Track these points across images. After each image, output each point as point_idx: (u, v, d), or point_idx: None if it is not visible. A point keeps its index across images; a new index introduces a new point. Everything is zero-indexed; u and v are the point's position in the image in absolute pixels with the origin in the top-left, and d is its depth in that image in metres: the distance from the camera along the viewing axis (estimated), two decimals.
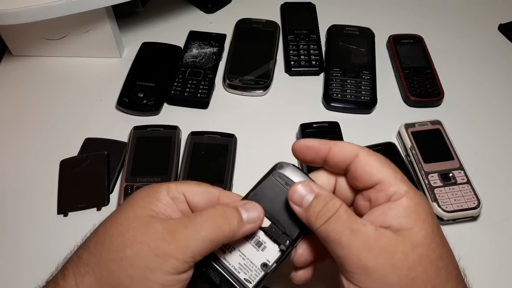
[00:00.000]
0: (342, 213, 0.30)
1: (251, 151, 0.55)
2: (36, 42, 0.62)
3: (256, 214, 0.32)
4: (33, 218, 0.49)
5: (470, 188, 0.49)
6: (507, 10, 0.74)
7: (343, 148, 0.32)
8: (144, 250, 0.28)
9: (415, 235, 0.29)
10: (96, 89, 0.61)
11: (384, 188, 0.31)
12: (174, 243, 0.28)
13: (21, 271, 0.45)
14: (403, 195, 0.30)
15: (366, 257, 0.28)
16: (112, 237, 0.29)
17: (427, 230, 0.29)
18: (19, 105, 0.60)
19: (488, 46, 0.69)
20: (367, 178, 0.31)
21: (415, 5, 0.75)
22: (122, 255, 0.28)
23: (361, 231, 0.29)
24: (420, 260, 0.28)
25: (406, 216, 0.29)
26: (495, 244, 0.48)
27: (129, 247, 0.28)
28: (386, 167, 0.31)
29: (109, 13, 0.60)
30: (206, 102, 0.59)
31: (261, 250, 0.33)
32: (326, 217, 0.30)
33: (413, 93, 0.60)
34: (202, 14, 0.72)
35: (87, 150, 0.54)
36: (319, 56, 0.64)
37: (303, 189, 0.31)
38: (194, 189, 0.33)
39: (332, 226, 0.29)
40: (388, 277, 0.28)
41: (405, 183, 0.31)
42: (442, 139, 0.54)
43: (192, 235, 0.29)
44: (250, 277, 0.32)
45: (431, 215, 0.30)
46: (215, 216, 0.30)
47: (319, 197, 0.31)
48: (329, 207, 0.30)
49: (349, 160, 0.32)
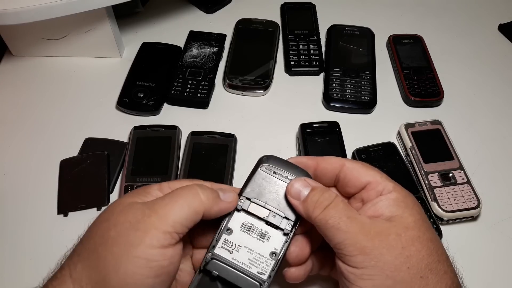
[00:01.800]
0: (339, 202, 0.32)
1: (251, 151, 0.55)
2: (36, 42, 0.62)
3: (232, 194, 0.34)
4: (33, 218, 0.49)
5: (470, 188, 0.49)
6: (507, 10, 0.74)
7: (330, 160, 0.36)
8: (125, 228, 0.29)
9: (406, 219, 0.31)
10: (96, 89, 0.61)
11: (373, 186, 0.33)
12: (153, 216, 0.29)
13: (21, 271, 0.45)
14: (392, 190, 0.33)
15: (363, 239, 0.30)
16: (99, 224, 0.31)
17: (416, 216, 0.32)
18: (19, 105, 0.60)
19: (488, 46, 0.69)
20: (357, 181, 0.34)
21: (415, 5, 0.75)
22: (107, 237, 0.29)
23: (357, 218, 0.31)
24: (413, 241, 0.30)
25: (396, 205, 0.32)
26: (495, 244, 0.48)
27: (113, 228, 0.29)
28: (371, 169, 0.35)
29: (109, 13, 0.60)
30: (206, 102, 0.59)
31: (266, 240, 0.34)
32: (324, 205, 0.32)
33: (413, 93, 0.60)
34: (202, 14, 0.72)
35: (87, 150, 0.54)
36: (319, 56, 0.64)
37: (300, 184, 0.34)
38: (185, 185, 0.33)
39: (330, 213, 0.31)
40: (384, 256, 0.29)
41: (391, 182, 0.34)
42: (442, 139, 0.54)
43: (170, 204, 0.30)
44: (263, 269, 0.33)
45: (418, 206, 0.33)
46: (193, 192, 0.31)
47: (316, 189, 0.33)
48: (325, 196, 0.32)
49: (337, 170, 0.35)
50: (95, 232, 0.31)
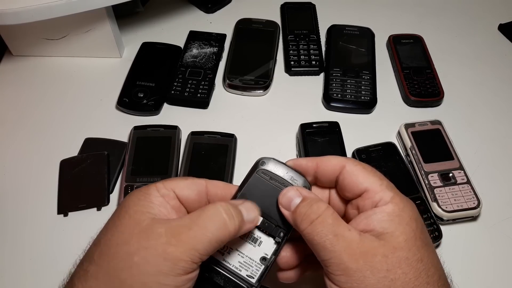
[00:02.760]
0: (327, 217, 0.31)
1: (251, 151, 0.55)
2: (36, 42, 0.62)
3: (255, 214, 0.33)
4: (33, 218, 0.49)
5: (470, 188, 0.49)
6: (507, 10, 0.74)
7: (329, 162, 0.34)
8: (152, 255, 0.28)
9: (396, 238, 0.29)
10: (96, 89, 0.61)
11: (370, 196, 0.32)
12: (181, 246, 0.28)
13: (21, 271, 0.45)
14: (389, 202, 0.31)
15: (348, 260, 0.29)
16: (117, 246, 0.29)
17: (409, 234, 0.30)
18: (19, 105, 0.60)
19: (488, 46, 0.69)
20: (355, 187, 0.33)
21: (415, 5, 0.75)
22: (131, 262, 0.28)
23: (345, 236, 0.30)
24: (400, 263, 0.29)
25: (389, 220, 0.30)
26: (495, 244, 0.48)
27: (136, 254, 0.28)
28: (372, 175, 0.33)
29: (109, 13, 0.60)
30: (206, 102, 0.59)
31: (257, 245, 0.34)
32: (311, 219, 0.31)
33: (413, 93, 0.60)
34: (202, 14, 0.72)
35: (87, 150, 0.54)
36: (319, 56, 0.64)
37: (291, 193, 0.33)
38: (181, 184, 0.33)
39: (317, 229, 0.30)
40: (367, 278, 0.28)
41: (391, 190, 0.32)
42: (442, 139, 0.54)
43: (199, 236, 0.29)
44: (252, 273, 0.33)
45: (414, 220, 0.31)
46: (218, 215, 0.30)
47: (305, 200, 0.32)
48: (313, 209, 0.31)
49: (337, 172, 0.34)
50: (112, 255, 0.29)
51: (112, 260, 0.29)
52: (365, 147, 0.53)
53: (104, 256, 0.29)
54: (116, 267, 0.28)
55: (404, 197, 0.32)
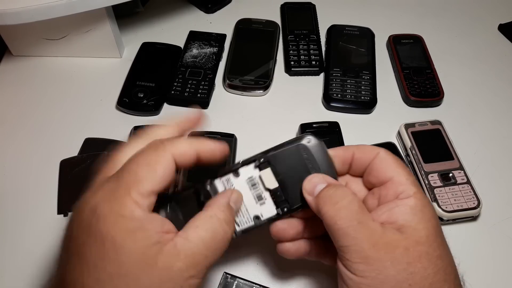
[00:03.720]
0: (353, 203, 0.30)
1: (251, 151, 0.54)
2: (36, 42, 0.62)
3: (240, 203, 0.34)
4: (33, 218, 0.49)
5: (470, 188, 0.49)
6: (507, 10, 0.74)
7: (365, 149, 0.35)
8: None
9: (419, 232, 0.30)
10: (96, 89, 0.61)
11: (394, 186, 0.32)
12: (200, 273, 0.29)
13: (21, 271, 0.45)
14: (411, 196, 0.31)
15: (369, 249, 0.29)
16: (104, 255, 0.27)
17: (430, 230, 0.30)
18: (19, 105, 0.60)
19: (488, 46, 0.69)
20: (382, 173, 0.33)
21: (415, 5, 0.75)
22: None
23: (368, 225, 0.30)
24: (420, 257, 0.29)
25: (412, 214, 0.30)
26: (495, 244, 0.48)
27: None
28: (401, 168, 0.33)
29: (109, 13, 0.60)
30: (206, 102, 0.59)
31: (259, 203, 0.34)
32: (335, 201, 0.30)
33: (413, 93, 0.60)
34: (202, 14, 0.72)
35: (87, 150, 0.54)
36: (319, 56, 0.64)
37: (316, 179, 0.33)
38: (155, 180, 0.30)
39: (341, 214, 0.30)
40: (386, 269, 0.28)
41: (415, 186, 0.32)
42: (442, 139, 0.54)
43: (212, 260, 0.30)
44: (240, 222, 0.34)
45: (435, 218, 0.31)
46: (225, 233, 0.31)
47: (331, 185, 0.32)
48: (339, 193, 0.31)
49: (371, 159, 0.34)
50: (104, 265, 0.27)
51: (104, 268, 0.27)
52: None
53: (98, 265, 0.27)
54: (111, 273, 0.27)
55: (426, 196, 0.32)
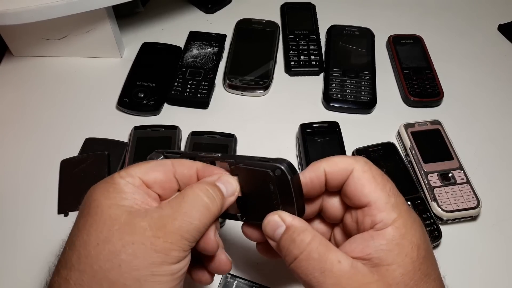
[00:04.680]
0: (312, 251, 0.28)
1: (251, 151, 0.55)
2: (36, 42, 0.62)
3: (233, 186, 0.32)
4: (34, 218, 0.49)
5: (469, 188, 0.49)
6: (507, 10, 0.74)
7: (336, 164, 0.31)
8: (141, 250, 0.27)
9: (393, 272, 0.27)
10: (97, 89, 0.61)
11: (372, 213, 0.29)
12: (169, 237, 0.27)
13: (21, 272, 0.45)
14: (390, 225, 0.28)
15: None
16: (97, 247, 0.27)
17: (407, 267, 0.27)
18: (19, 105, 0.60)
19: (488, 46, 0.69)
20: (357, 198, 0.30)
21: (415, 5, 0.75)
22: (118, 261, 0.26)
23: (333, 271, 0.27)
24: None
25: (387, 250, 0.27)
26: (495, 244, 0.48)
27: (123, 251, 0.26)
28: (380, 189, 0.29)
29: (109, 13, 0.60)
30: (206, 102, 0.59)
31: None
32: (294, 255, 0.28)
33: (412, 93, 0.60)
34: (202, 14, 0.72)
35: (88, 150, 0.54)
36: (319, 56, 0.64)
37: (274, 221, 0.30)
38: (144, 168, 0.31)
39: (302, 266, 0.28)
40: None
41: (396, 210, 0.28)
42: (441, 139, 0.54)
43: (185, 226, 0.28)
44: None
45: (416, 248, 0.28)
46: (200, 200, 0.29)
47: (289, 231, 0.29)
48: (297, 243, 0.28)
49: (345, 177, 0.30)
50: (95, 256, 0.27)
51: (95, 262, 0.26)
52: (364, 147, 0.54)
53: (85, 260, 0.27)
54: (102, 269, 0.26)
55: (411, 216, 0.29)
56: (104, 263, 0.26)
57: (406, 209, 0.29)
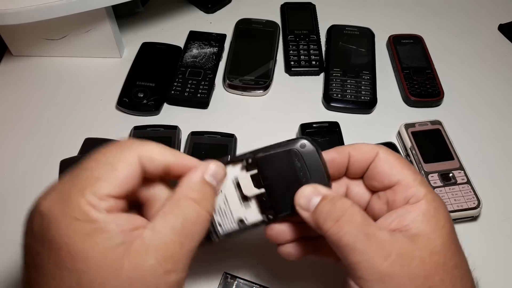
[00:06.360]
0: (355, 215, 0.28)
1: None
2: (36, 42, 0.62)
3: (222, 174, 0.30)
4: None
5: (470, 188, 0.49)
6: (507, 10, 0.74)
7: (361, 149, 0.32)
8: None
9: (433, 242, 0.27)
10: (96, 89, 0.61)
11: (402, 189, 0.30)
12: (179, 266, 0.26)
13: (20, 272, 0.45)
14: (422, 198, 0.29)
15: (382, 264, 0.26)
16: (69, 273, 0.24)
17: (445, 237, 0.28)
18: (19, 105, 0.60)
19: (488, 46, 0.69)
20: (387, 178, 0.30)
21: (415, 5, 0.75)
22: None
23: (376, 236, 0.27)
24: (437, 269, 0.27)
25: (424, 221, 0.28)
26: (495, 244, 0.48)
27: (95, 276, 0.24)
28: (406, 168, 0.30)
29: (109, 13, 0.60)
30: (206, 102, 0.59)
31: (244, 206, 0.32)
32: (336, 217, 0.28)
33: (413, 93, 0.60)
34: (202, 14, 0.72)
35: (87, 150, 0.53)
36: (319, 56, 0.64)
37: (309, 192, 0.30)
38: (113, 182, 0.27)
39: (345, 229, 0.27)
40: (404, 285, 0.26)
41: (424, 186, 0.30)
42: (442, 139, 0.54)
43: (192, 248, 0.27)
44: (224, 224, 0.32)
45: (449, 222, 0.29)
46: (199, 214, 0.27)
47: (327, 198, 0.29)
48: (337, 206, 0.28)
49: (370, 160, 0.31)
50: (62, 276, 0.24)
51: None
52: None
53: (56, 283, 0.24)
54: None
55: (437, 195, 0.30)
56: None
57: (430, 188, 0.30)
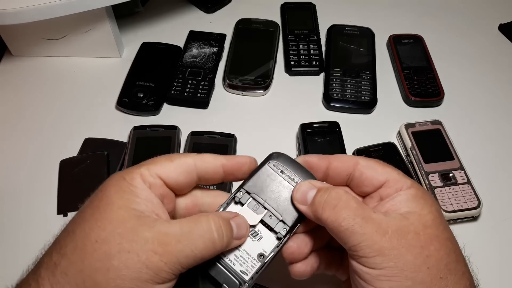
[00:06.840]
0: (350, 201, 0.30)
1: (251, 151, 0.54)
2: (36, 42, 0.62)
3: (244, 231, 0.32)
4: (33, 218, 0.49)
5: (470, 188, 0.49)
6: (507, 10, 0.74)
7: (342, 158, 0.34)
8: (134, 261, 0.26)
9: (424, 217, 0.30)
10: (96, 89, 0.61)
11: (392, 184, 0.32)
12: (166, 257, 0.27)
13: (21, 272, 0.45)
14: (410, 186, 0.32)
15: (381, 240, 0.28)
16: (95, 244, 0.27)
17: (435, 214, 0.30)
18: (19, 105, 0.60)
19: (488, 46, 0.69)
20: (375, 179, 0.33)
21: (415, 5, 0.75)
22: (109, 265, 0.26)
23: (372, 217, 0.29)
24: (431, 240, 0.29)
25: (414, 200, 0.31)
26: (496, 244, 0.48)
27: (117, 257, 0.26)
28: (388, 167, 0.33)
29: (109, 13, 0.60)
30: (206, 102, 0.59)
31: (257, 240, 0.32)
32: (333, 205, 0.30)
33: (413, 93, 0.60)
34: (202, 14, 0.72)
35: (87, 150, 0.54)
36: (319, 56, 0.64)
37: (305, 187, 0.32)
38: (168, 168, 0.31)
39: (343, 215, 0.29)
40: (403, 255, 0.28)
41: (409, 179, 0.32)
42: (442, 139, 0.54)
43: (185, 252, 0.28)
44: (247, 269, 0.32)
45: (436, 204, 0.32)
46: (209, 233, 0.29)
47: (322, 189, 0.32)
48: (333, 195, 0.31)
49: (351, 169, 0.34)
50: (89, 253, 0.27)
51: (87, 258, 0.26)
52: (365, 147, 0.53)
53: (79, 252, 0.27)
54: (91, 266, 0.26)
55: (422, 186, 0.33)
56: (95, 262, 0.26)
57: (413, 180, 0.33)
